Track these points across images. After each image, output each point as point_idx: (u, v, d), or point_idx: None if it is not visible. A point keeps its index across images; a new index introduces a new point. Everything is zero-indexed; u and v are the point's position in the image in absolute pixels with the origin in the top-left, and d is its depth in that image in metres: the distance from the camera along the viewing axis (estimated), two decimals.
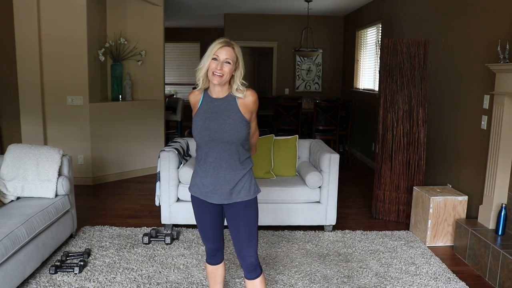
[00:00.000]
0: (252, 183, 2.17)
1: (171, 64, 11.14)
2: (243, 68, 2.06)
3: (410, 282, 3.03)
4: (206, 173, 2.12)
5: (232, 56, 2.00)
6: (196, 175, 2.20)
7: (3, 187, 3.21)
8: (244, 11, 8.28)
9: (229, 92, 2.08)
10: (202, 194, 2.16)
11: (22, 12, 4.89)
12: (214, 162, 2.09)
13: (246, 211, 2.15)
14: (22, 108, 5.06)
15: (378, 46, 6.53)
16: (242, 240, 2.16)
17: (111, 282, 2.92)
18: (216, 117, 2.06)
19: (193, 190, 2.21)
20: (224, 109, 2.06)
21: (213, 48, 2.00)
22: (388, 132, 4.26)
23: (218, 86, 2.05)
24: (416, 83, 4.15)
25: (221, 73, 1.98)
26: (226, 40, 2.03)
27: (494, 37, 3.42)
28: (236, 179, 2.11)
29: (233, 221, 2.17)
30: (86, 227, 3.89)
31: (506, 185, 3.32)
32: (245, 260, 2.18)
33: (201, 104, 2.11)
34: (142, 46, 5.82)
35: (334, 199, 3.88)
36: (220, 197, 2.12)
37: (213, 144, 2.07)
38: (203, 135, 2.06)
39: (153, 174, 5.59)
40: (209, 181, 2.11)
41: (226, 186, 2.10)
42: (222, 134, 2.04)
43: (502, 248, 3.01)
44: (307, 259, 3.36)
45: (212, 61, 1.99)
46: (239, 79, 2.05)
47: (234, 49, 2.02)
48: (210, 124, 2.05)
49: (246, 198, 2.13)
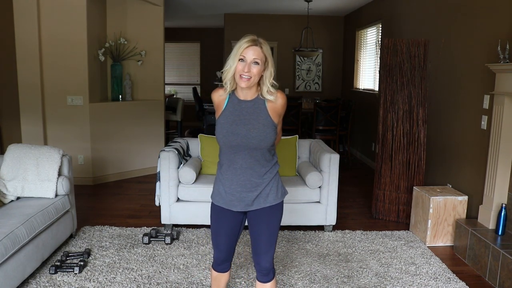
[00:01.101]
0: (279, 185, 2.08)
1: (171, 64, 11.14)
2: (273, 67, 1.93)
3: (410, 282, 3.03)
4: (231, 180, 2.00)
5: (260, 56, 1.86)
6: (218, 183, 2.08)
7: (3, 187, 3.21)
8: (244, 11, 8.28)
9: (258, 95, 1.96)
10: (226, 203, 2.05)
11: (22, 12, 4.89)
12: (240, 168, 1.98)
13: (271, 216, 2.07)
14: (22, 108, 5.06)
15: (378, 46, 6.53)
16: (262, 245, 2.09)
17: (111, 282, 2.92)
18: (243, 121, 1.94)
19: (216, 199, 2.10)
20: (253, 113, 1.94)
21: (239, 48, 1.86)
22: (388, 132, 4.26)
23: (246, 88, 1.92)
24: (416, 83, 4.15)
25: (249, 75, 1.85)
26: (253, 39, 1.87)
27: (494, 37, 3.42)
28: (263, 185, 2.01)
29: (256, 225, 2.08)
30: (86, 227, 3.89)
31: (506, 185, 3.32)
32: (260, 264, 2.12)
33: (227, 105, 1.98)
34: (142, 46, 5.82)
35: (334, 199, 3.88)
36: (246, 204, 2.03)
37: (239, 150, 1.95)
38: (229, 139, 1.94)
39: (153, 174, 5.58)
40: (235, 189, 2.01)
41: (253, 193, 2.01)
42: (250, 140, 1.93)
43: (502, 248, 3.01)
44: (307, 259, 3.36)
45: (239, 63, 1.85)
46: (269, 80, 1.92)
47: (262, 48, 1.87)
48: (237, 129, 1.93)
49: (274, 202, 2.05)
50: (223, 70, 1.92)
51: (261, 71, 1.89)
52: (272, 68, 1.92)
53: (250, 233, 2.14)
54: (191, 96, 10.83)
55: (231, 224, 2.10)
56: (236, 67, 1.86)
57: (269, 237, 2.08)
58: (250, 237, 2.15)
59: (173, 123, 8.44)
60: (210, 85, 11.35)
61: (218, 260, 2.21)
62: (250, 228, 2.13)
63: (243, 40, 1.87)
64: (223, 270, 2.24)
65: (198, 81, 11.56)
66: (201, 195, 3.77)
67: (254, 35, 1.90)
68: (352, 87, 7.81)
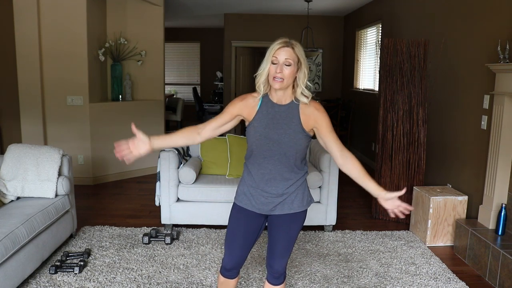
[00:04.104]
0: (305, 193, 2.05)
1: (171, 64, 11.14)
2: (307, 68, 1.90)
3: (410, 282, 3.02)
4: (257, 184, 1.98)
5: (292, 57, 1.84)
6: (244, 185, 2.05)
7: (3, 187, 3.21)
8: (244, 11, 8.28)
9: (293, 99, 1.93)
10: (251, 204, 2.02)
11: (22, 12, 4.89)
12: (268, 174, 1.96)
13: (293, 223, 2.04)
14: (22, 108, 5.06)
15: (378, 46, 6.53)
16: (278, 250, 2.06)
17: (111, 282, 2.92)
18: (276, 125, 1.91)
19: (240, 199, 2.06)
20: (286, 118, 1.90)
21: (271, 50, 1.85)
22: (388, 132, 4.26)
23: (280, 91, 1.89)
24: (416, 83, 4.15)
25: (282, 77, 1.83)
26: (285, 40, 1.87)
27: (494, 37, 3.41)
28: (290, 191, 1.98)
29: (276, 229, 2.06)
30: (86, 227, 3.89)
31: (506, 185, 3.32)
32: (274, 267, 2.10)
33: (260, 107, 1.93)
34: (142, 46, 5.82)
35: (334, 199, 3.88)
36: (271, 208, 2.00)
37: (270, 155, 1.93)
38: (261, 143, 1.91)
39: (153, 174, 5.57)
40: (260, 193, 1.99)
41: (278, 198, 1.99)
42: (281, 145, 1.90)
43: (502, 248, 3.01)
44: (307, 259, 3.36)
45: (271, 65, 1.84)
46: (303, 82, 1.89)
47: (294, 49, 1.85)
48: (270, 133, 1.90)
49: (299, 209, 2.02)
50: (256, 74, 1.91)
51: (294, 72, 1.86)
52: (306, 69, 1.89)
53: (268, 235, 2.11)
54: (191, 96, 10.84)
55: (250, 226, 2.06)
56: (269, 70, 1.85)
57: (287, 243, 2.06)
58: (268, 239, 2.12)
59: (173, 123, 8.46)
60: (210, 85, 11.36)
61: (228, 266, 2.13)
62: (269, 231, 2.10)
63: (275, 42, 1.87)
64: (231, 276, 2.17)
65: (198, 81, 11.56)
66: (201, 195, 3.77)
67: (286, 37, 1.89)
68: (352, 87, 7.81)
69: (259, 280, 2.99)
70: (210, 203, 3.80)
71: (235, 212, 2.08)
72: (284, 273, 2.14)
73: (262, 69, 1.87)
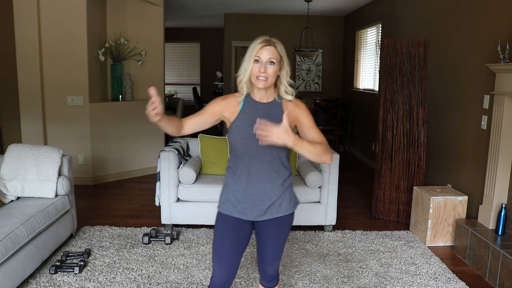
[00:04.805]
0: (292, 194, 2.01)
1: (171, 64, 11.14)
2: (289, 66, 1.89)
3: (410, 282, 3.03)
4: (244, 187, 1.91)
5: (275, 56, 1.82)
6: (228, 191, 1.96)
7: (3, 187, 3.21)
8: (244, 11, 8.28)
9: (275, 96, 1.92)
10: (237, 211, 1.93)
11: (22, 12, 4.89)
12: (255, 174, 1.89)
13: (281, 227, 1.99)
14: (22, 108, 5.06)
15: (378, 46, 6.53)
16: (269, 255, 2.03)
17: (111, 282, 2.92)
18: None
19: (225, 207, 1.96)
20: (269, 115, 1.86)
21: (253, 49, 1.83)
22: (388, 132, 4.26)
23: (263, 90, 1.88)
24: (416, 83, 4.15)
25: (266, 76, 1.81)
26: (266, 39, 1.85)
27: (494, 37, 3.42)
28: (278, 193, 1.93)
29: (264, 235, 2.01)
30: (86, 227, 3.89)
31: (506, 185, 3.32)
32: (266, 272, 2.08)
33: (243, 107, 1.91)
34: (142, 46, 5.82)
35: (334, 199, 3.88)
36: (258, 213, 1.93)
37: (256, 154, 1.87)
38: (246, 142, 1.86)
39: (153, 174, 5.58)
40: (248, 196, 1.91)
41: (266, 202, 1.92)
42: None
43: (502, 248, 3.01)
44: (307, 259, 3.36)
45: (254, 64, 1.82)
46: (286, 79, 1.88)
47: (277, 47, 1.84)
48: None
49: (287, 212, 1.96)
50: (237, 73, 1.88)
51: (277, 71, 1.85)
52: (288, 68, 1.88)
53: (257, 242, 2.06)
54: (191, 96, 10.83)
55: (238, 235, 1.97)
56: (252, 69, 1.82)
57: (277, 248, 2.02)
58: (257, 245, 2.07)
59: None
60: (210, 85, 11.36)
61: (218, 282, 1.98)
62: (257, 238, 2.05)
63: (256, 41, 1.84)
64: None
65: (198, 81, 11.56)
66: (201, 195, 3.77)
67: (267, 35, 1.87)
68: (352, 87, 7.81)
69: (259, 280, 2.99)
70: (210, 203, 3.79)
71: (221, 222, 1.98)
72: (277, 275, 2.13)
73: (244, 69, 1.85)
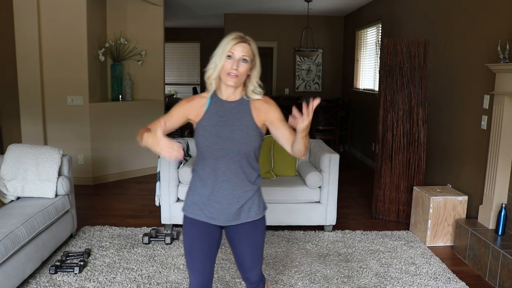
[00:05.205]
0: (261, 199, 1.92)
1: (171, 64, 11.14)
2: (260, 67, 1.82)
3: (410, 282, 3.03)
4: (211, 189, 1.82)
5: (249, 53, 1.75)
6: (194, 194, 1.88)
7: (3, 187, 3.21)
8: (244, 11, 8.27)
9: (243, 95, 1.84)
10: (204, 216, 1.85)
11: (22, 12, 4.89)
12: (222, 176, 1.80)
13: (254, 232, 1.90)
14: (22, 108, 5.06)
15: (378, 46, 6.53)
16: (248, 264, 1.94)
17: (111, 282, 2.92)
18: (228, 122, 1.79)
19: (192, 211, 1.88)
20: (237, 114, 1.80)
21: (226, 44, 1.74)
22: (388, 132, 4.26)
23: (231, 88, 1.80)
24: (416, 83, 4.15)
25: (237, 73, 1.73)
26: (241, 35, 1.77)
27: (494, 37, 3.42)
28: (247, 197, 1.84)
29: (239, 243, 1.91)
30: (86, 227, 3.89)
31: (506, 185, 3.32)
32: (250, 280, 1.99)
33: (209, 107, 1.82)
34: (142, 46, 5.82)
35: (334, 199, 3.88)
36: (227, 217, 1.83)
37: (223, 155, 1.78)
38: (212, 143, 1.78)
39: (153, 174, 5.58)
40: (214, 199, 1.82)
41: (234, 205, 1.82)
42: (234, 142, 1.78)
43: (502, 248, 3.01)
44: (307, 259, 3.36)
45: (226, 60, 1.74)
46: (256, 80, 1.81)
47: (251, 45, 1.77)
48: (221, 130, 1.78)
49: (256, 217, 1.87)
50: (206, 68, 1.80)
51: (249, 69, 1.78)
52: (260, 68, 1.82)
53: (233, 251, 1.95)
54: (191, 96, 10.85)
55: (207, 241, 1.88)
56: (224, 65, 1.74)
57: (255, 254, 1.92)
58: (234, 254, 1.96)
59: None
60: None
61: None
62: (232, 247, 1.95)
63: (229, 37, 1.76)
64: None
65: (198, 81, 11.56)
66: None
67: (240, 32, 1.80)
68: (352, 87, 7.81)
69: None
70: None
71: (189, 227, 1.90)
72: (262, 277, 2.04)
73: (215, 64, 1.77)
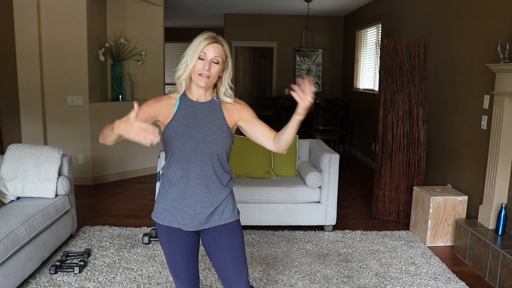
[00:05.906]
0: (234, 202, 1.87)
1: (171, 64, 11.12)
2: (232, 69, 1.79)
3: (410, 282, 3.03)
4: (183, 194, 1.75)
5: (221, 54, 1.71)
6: (165, 200, 1.79)
7: (3, 187, 3.21)
8: (244, 11, 8.28)
9: (213, 96, 1.80)
10: (176, 222, 1.78)
11: (22, 12, 4.89)
12: (195, 179, 1.74)
13: (232, 235, 1.82)
14: (22, 108, 5.06)
15: (378, 46, 6.53)
16: (231, 271, 1.82)
17: (111, 282, 2.92)
18: (199, 124, 1.75)
19: (164, 218, 1.80)
20: (208, 115, 1.77)
21: (198, 44, 1.69)
22: (388, 132, 4.26)
23: (202, 89, 1.75)
24: (416, 83, 4.15)
25: (209, 74, 1.69)
26: (213, 36, 1.71)
27: (494, 37, 3.42)
28: (219, 199, 1.79)
29: (216, 249, 1.82)
30: (86, 227, 3.89)
31: (506, 185, 3.32)
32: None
33: (179, 108, 1.76)
34: (142, 46, 5.82)
35: (334, 199, 3.88)
36: (200, 221, 1.78)
37: (195, 157, 1.73)
38: (184, 145, 1.73)
39: (153, 174, 5.58)
40: (187, 204, 1.75)
41: (208, 208, 1.77)
42: (207, 144, 1.74)
43: (502, 248, 3.01)
44: (307, 259, 3.36)
45: (198, 61, 1.69)
46: (228, 81, 1.77)
47: (223, 46, 1.72)
48: (193, 132, 1.73)
49: (230, 219, 1.82)
50: (177, 68, 1.75)
51: (220, 71, 1.74)
52: (232, 70, 1.79)
53: (213, 263, 1.86)
54: None
55: (186, 246, 1.83)
56: (195, 66, 1.69)
57: (236, 258, 1.82)
58: (213, 262, 1.86)
59: None
60: None
61: None
62: (211, 258, 1.85)
63: (201, 36, 1.70)
64: None
65: None
66: None
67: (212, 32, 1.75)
68: (352, 87, 7.81)
69: (259, 280, 2.99)
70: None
71: (164, 235, 1.83)
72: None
73: (186, 65, 1.72)
